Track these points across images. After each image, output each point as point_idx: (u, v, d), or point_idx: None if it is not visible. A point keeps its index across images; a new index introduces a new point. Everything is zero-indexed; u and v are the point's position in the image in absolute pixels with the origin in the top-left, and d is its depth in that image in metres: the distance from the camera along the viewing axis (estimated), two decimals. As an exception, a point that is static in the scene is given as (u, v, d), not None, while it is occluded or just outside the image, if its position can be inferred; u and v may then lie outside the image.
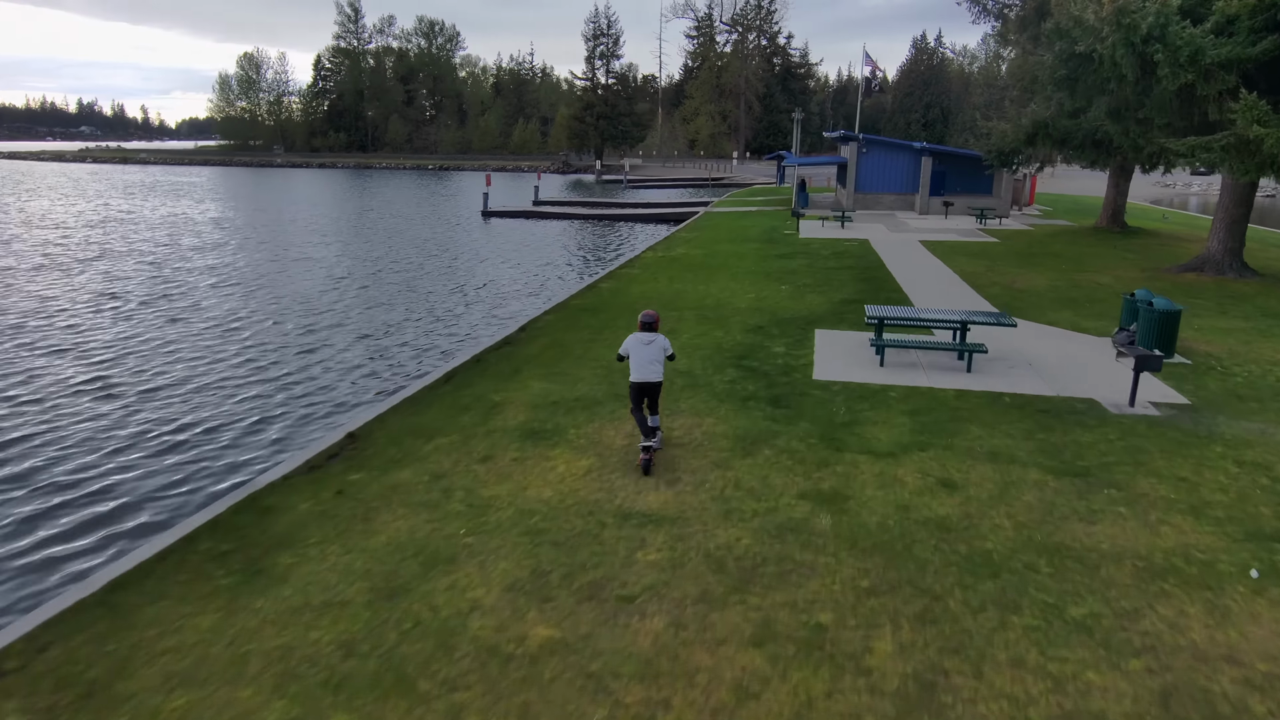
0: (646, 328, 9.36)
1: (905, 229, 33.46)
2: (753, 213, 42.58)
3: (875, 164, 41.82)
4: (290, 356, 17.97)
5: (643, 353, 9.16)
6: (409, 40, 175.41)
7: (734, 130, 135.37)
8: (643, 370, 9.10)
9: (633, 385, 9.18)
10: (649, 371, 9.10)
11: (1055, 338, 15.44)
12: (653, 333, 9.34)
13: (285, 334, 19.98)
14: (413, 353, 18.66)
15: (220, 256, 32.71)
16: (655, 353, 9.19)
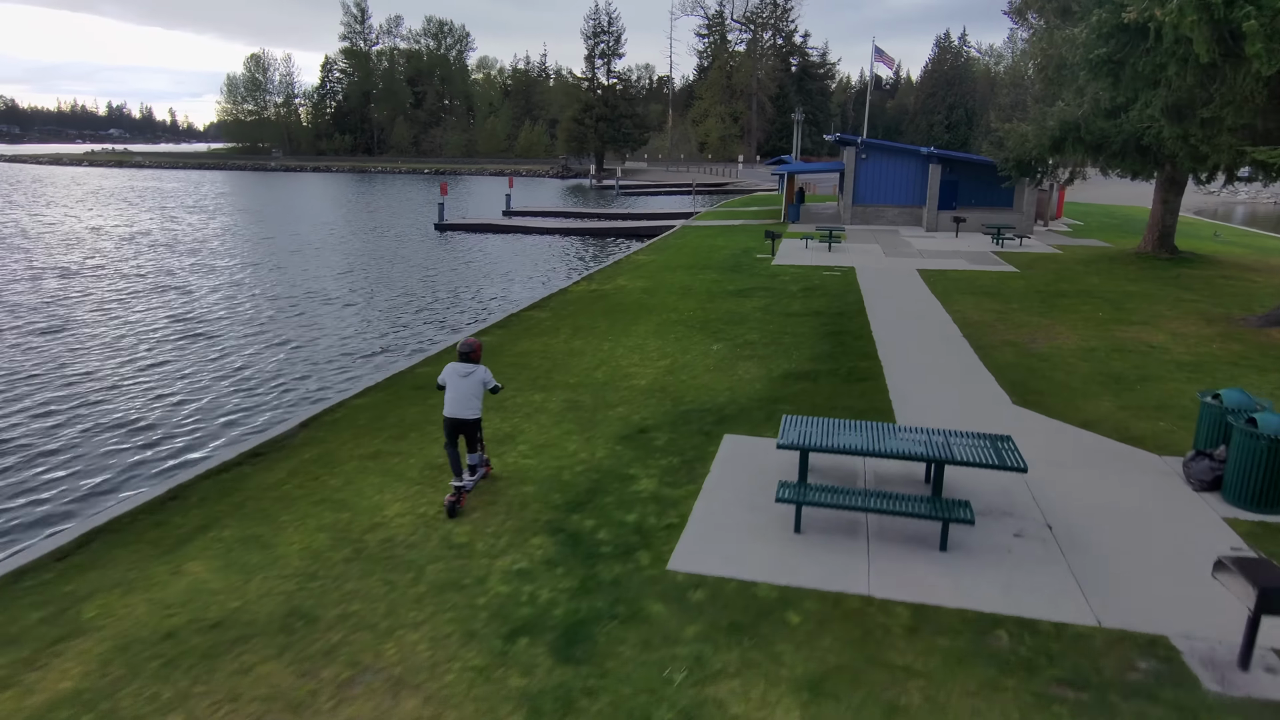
0: (464, 358, 8.64)
1: (905, 252, 27.83)
2: (737, 227, 37.07)
3: (876, 172, 36.15)
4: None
5: (459, 386, 8.53)
6: (417, 41, 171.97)
7: (746, 133, 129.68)
8: (456, 405, 8.50)
9: (445, 420, 8.56)
10: (463, 407, 8.50)
11: (1091, 462, 9.87)
12: (471, 364, 8.64)
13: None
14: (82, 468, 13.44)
15: (63, 281, 27.78)
16: (473, 386, 8.56)
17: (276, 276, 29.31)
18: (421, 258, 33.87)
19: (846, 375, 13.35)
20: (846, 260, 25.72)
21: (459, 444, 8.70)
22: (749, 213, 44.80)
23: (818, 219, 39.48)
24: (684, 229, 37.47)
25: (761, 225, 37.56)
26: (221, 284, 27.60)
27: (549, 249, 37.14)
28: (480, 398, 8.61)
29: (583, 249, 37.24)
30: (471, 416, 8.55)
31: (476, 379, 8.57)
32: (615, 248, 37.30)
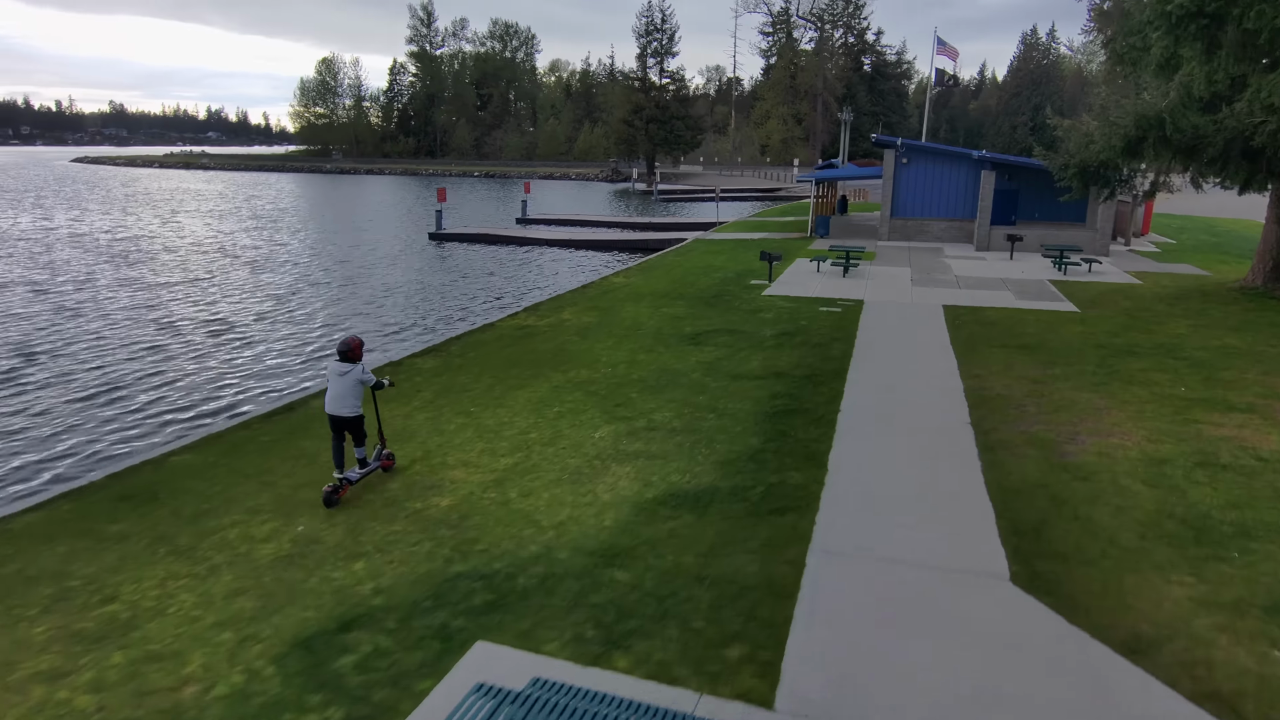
0: (342, 356, 8.72)
1: (939, 279, 22.60)
2: (754, 241, 32.23)
3: (919, 179, 30.75)
4: None
5: (336, 384, 8.70)
6: (484, 44, 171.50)
7: (810, 135, 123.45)
8: (334, 402, 8.70)
9: (327, 416, 8.76)
10: (340, 404, 8.67)
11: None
12: (349, 362, 8.68)
13: None
14: None
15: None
16: (349, 385, 8.68)
17: (198, 292, 25.95)
18: (386, 276, 30.17)
19: (762, 499, 8.64)
20: (860, 290, 20.70)
21: (343, 439, 8.81)
22: (778, 224, 39.73)
23: (853, 233, 34.20)
24: (695, 242, 32.81)
25: (785, 240, 32.57)
26: (108, 299, 24.36)
27: (540, 264, 33.00)
28: (358, 395, 8.73)
29: (576, 265, 32.96)
30: (348, 414, 8.68)
31: (352, 377, 8.67)
32: (615, 262, 32.89)
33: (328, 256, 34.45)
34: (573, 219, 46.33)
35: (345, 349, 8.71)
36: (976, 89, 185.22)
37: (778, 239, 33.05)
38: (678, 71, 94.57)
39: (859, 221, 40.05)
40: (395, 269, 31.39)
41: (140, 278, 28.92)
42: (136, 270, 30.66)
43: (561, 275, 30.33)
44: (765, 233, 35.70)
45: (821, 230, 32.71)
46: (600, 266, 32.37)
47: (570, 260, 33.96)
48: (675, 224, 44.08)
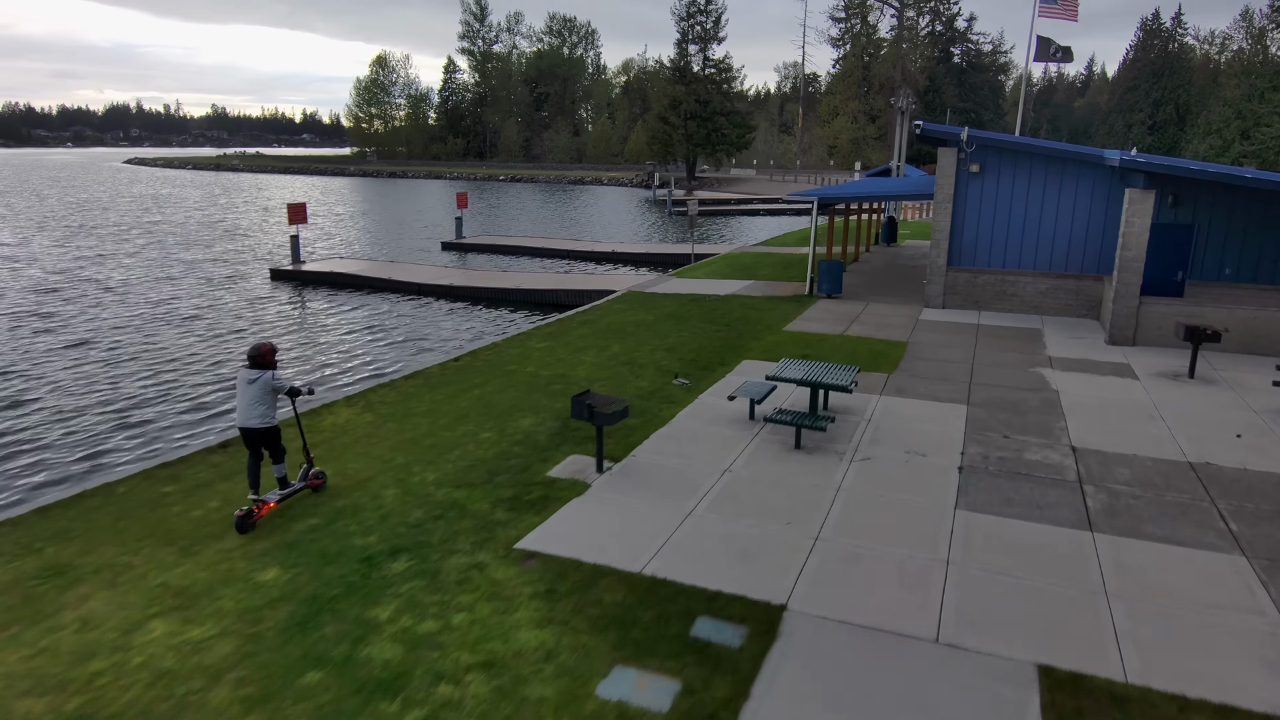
0: (252, 361, 7.84)
1: (1031, 460, 9.33)
2: (712, 301, 19.27)
3: (1000, 200, 17.20)
4: None
5: (245, 393, 7.79)
6: (540, 39, 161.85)
7: (885, 134, 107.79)
8: (242, 413, 7.82)
9: (239, 429, 7.92)
10: (249, 415, 7.77)
11: None
12: (259, 369, 7.79)
13: None
14: None
15: None
16: (258, 393, 7.76)
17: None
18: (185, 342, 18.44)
19: None
20: (803, 528, 7.60)
21: (259, 457, 7.95)
22: (777, 262, 26.35)
23: (892, 286, 20.79)
24: (629, 295, 19.99)
25: (763, 299, 19.43)
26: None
27: (354, 336, 20.66)
28: (270, 405, 7.83)
29: (462, 325, 20.49)
30: (258, 425, 7.80)
31: (262, 384, 7.77)
32: (508, 325, 20.37)
33: (192, 287, 23.19)
34: (513, 245, 33.99)
35: (255, 354, 7.81)
36: (1083, 85, 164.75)
37: (758, 297, 19.87)
38: (724, 60, 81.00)
39: (911, 260, 26.20)
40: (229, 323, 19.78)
41: None
42: None
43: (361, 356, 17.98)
44: (748, 280, 22.51)
45: (828, 285, 19.32)
46: (472, 336, 19.95)
47: (455, 319, 21.73)
48: (637, 255, 31.22)
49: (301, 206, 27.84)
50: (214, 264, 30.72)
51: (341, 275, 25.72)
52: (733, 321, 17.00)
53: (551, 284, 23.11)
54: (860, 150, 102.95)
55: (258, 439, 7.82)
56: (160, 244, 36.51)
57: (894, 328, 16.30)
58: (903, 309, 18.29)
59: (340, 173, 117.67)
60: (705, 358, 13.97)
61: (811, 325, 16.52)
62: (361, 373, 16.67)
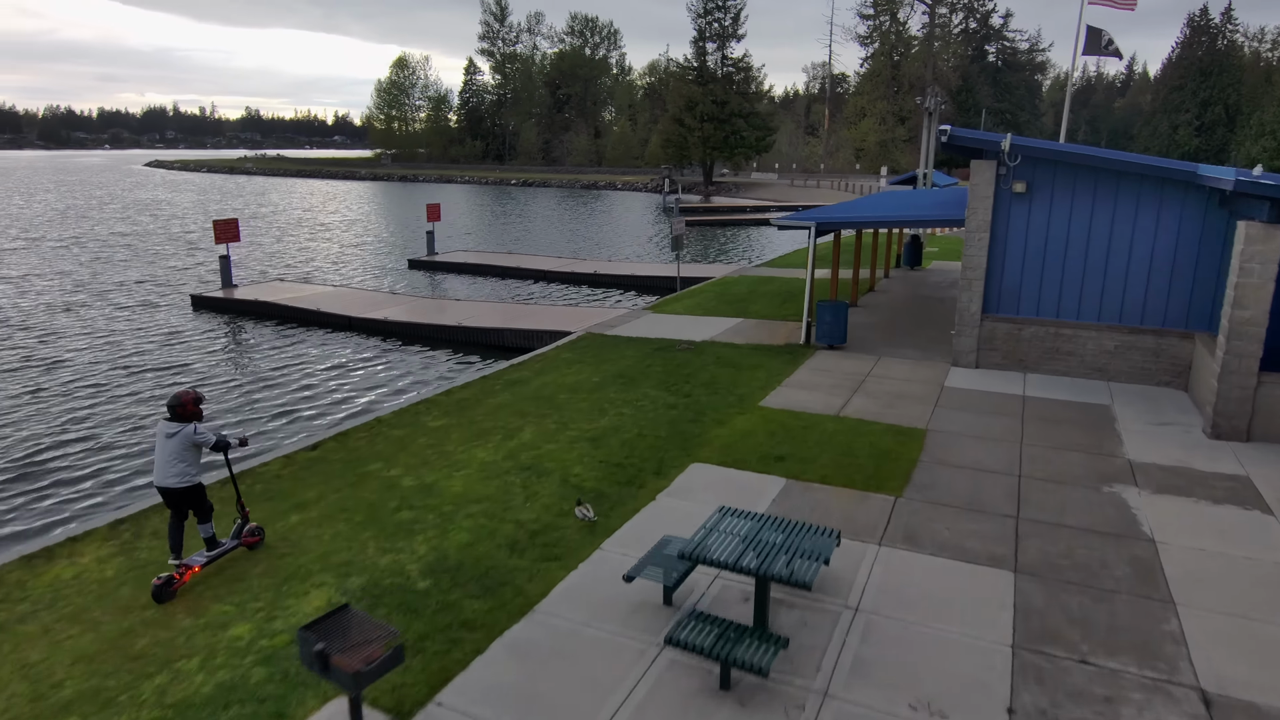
0: (171, 413, 7.02)
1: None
2: (678, 356, 15.29)
3: (1053, 228, 13.02)
4: None
5: (163, 448, 6.99)
6: (561, 40, 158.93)
7: (915, 136, 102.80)
8: (159, 470, 7.01)
9: (157, 489, 7.13)
10: (166, 473, 6.96)
11: None
12: (179, 421, 6.98)
13: None
14: None
15: None
16: (177, 448, 6.94)
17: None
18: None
19: None
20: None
21: (181, 518, 7.21)
22: (776, 290, 22.25)
23: (913, 323, 16.67)
24: (585, 340, 16.08)
25: (750, 349, 15.41)
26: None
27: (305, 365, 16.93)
28: (191, 461, 7.05)
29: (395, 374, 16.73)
30: (177, 484, 7.01)
31: (182, 438, 6.98)
32: (432, 375, 16.59)
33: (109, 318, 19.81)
34: (487, 264, 30.13)
35: (174, 404, 7.02)
36: (1123, 85, 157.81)
37: (741, 346, 15.80)
38: (743, 59, 76.62)
39: (938, 288, 21.98)
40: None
41: None
42: None
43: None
44: (735, 319, 18.45)
45: (829, 333, 15.16)
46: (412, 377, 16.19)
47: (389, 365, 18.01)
48: (620, 279, 27.18)
49: (232, 223, 24.26)
50: (143, 285, 27.29)
51: (266, 305, 22.07)
52: (697, 389, 12.98)
53: (499, 321, 19.21)
54: (888, 153, 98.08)
55: (180, 499, 7.08)
56: (104, 259, 33.29)
57: (910, 402, 12.18)
58: (924, 368, 14.13)
59: (351, 176, 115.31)
60: (640, 456, 10.01)
61: (799, 397, 12.44)
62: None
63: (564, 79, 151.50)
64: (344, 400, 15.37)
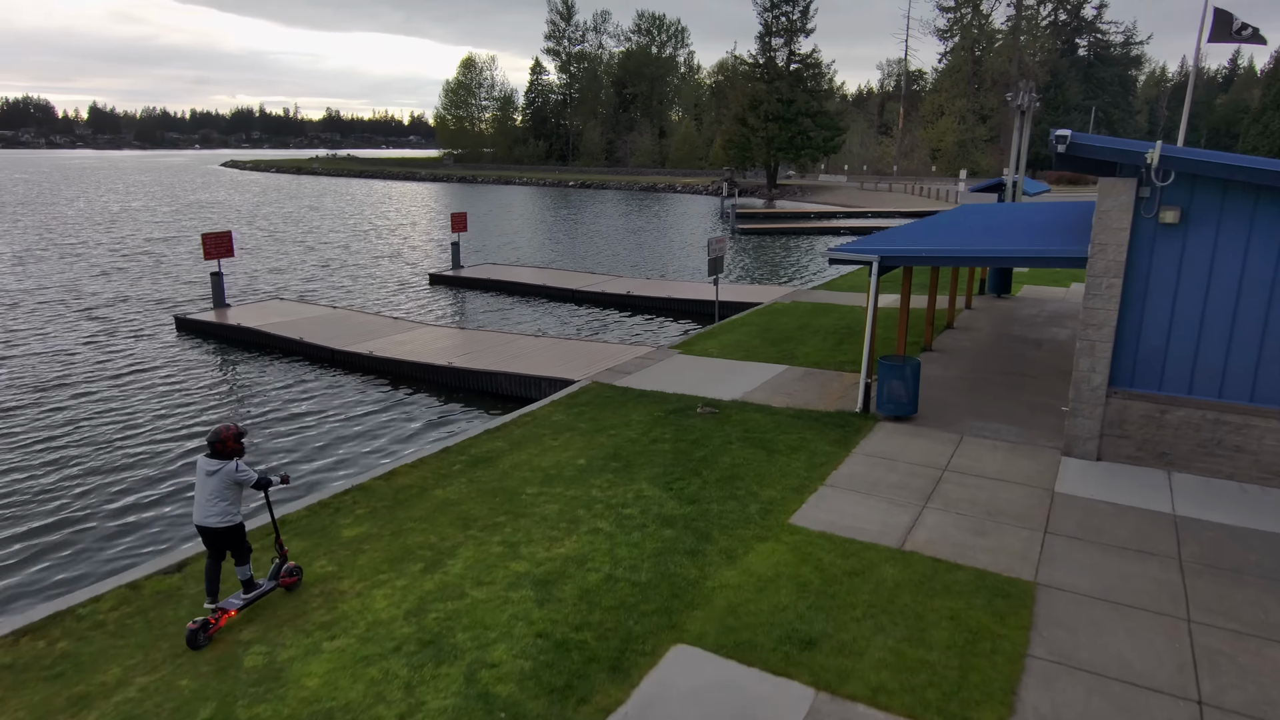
0: (212, 449, 6.81)
1: None
2: (707, 422, 12.00)
3: (1220, 274, 9.24)
4: None
5: (204, 486, 6.82)
6: (628, 39, 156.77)
7: (999, 136, 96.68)
8: (200, 509, 6.84)
9: (197, 528, 6.91)
10: (206, 511, 6.79)
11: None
12: (219, 458, 6.78)
13: None
14: None
15: None
16: (218, 487, 6.77)
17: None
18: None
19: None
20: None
21: (219, 558, 6.98)
22: (833, 329, 18.63)
23: (1003, 388, 12.97)
24: (588, 393, 12.94)
25: (791, 420, 11.96)
26: None
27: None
28: (232, 500, 6.87)
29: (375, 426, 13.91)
30: (218, 524, 6.82)
31: (223, 476, 6.79)
32: (399, 431, 13.69)
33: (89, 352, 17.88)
34: (513, 281, 27.16)
35: (215, 440, 6.80)
36: (1225, 80, 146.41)
37: (779, 412, 12.35)
38: (811, 55, 72.13)
39: (1033, 324, 18.06)
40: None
41: None
42: None
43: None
44: (778, 366, 14.97)
45: (893, 399, 11.56)
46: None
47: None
48: (655, 301, 23.76)
49: (225, 236, 21.88)
50: (140, 301, 25.28)
51: (248, 332, 19.54)
52: (709, 486, 9.62)
53: (494, 362, 16.12)
54: (967, 154, 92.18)
55: (217, 539, 6.83)
56: (119, 270, 31.67)
57: (1008, 524, 8.58)
58: (1024, 458, 10.44)
59: (412, 176, 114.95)
60: (600, 626, 6.74)
61: (848, 507, 8.96)
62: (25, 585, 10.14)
63: (630, 78, 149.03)
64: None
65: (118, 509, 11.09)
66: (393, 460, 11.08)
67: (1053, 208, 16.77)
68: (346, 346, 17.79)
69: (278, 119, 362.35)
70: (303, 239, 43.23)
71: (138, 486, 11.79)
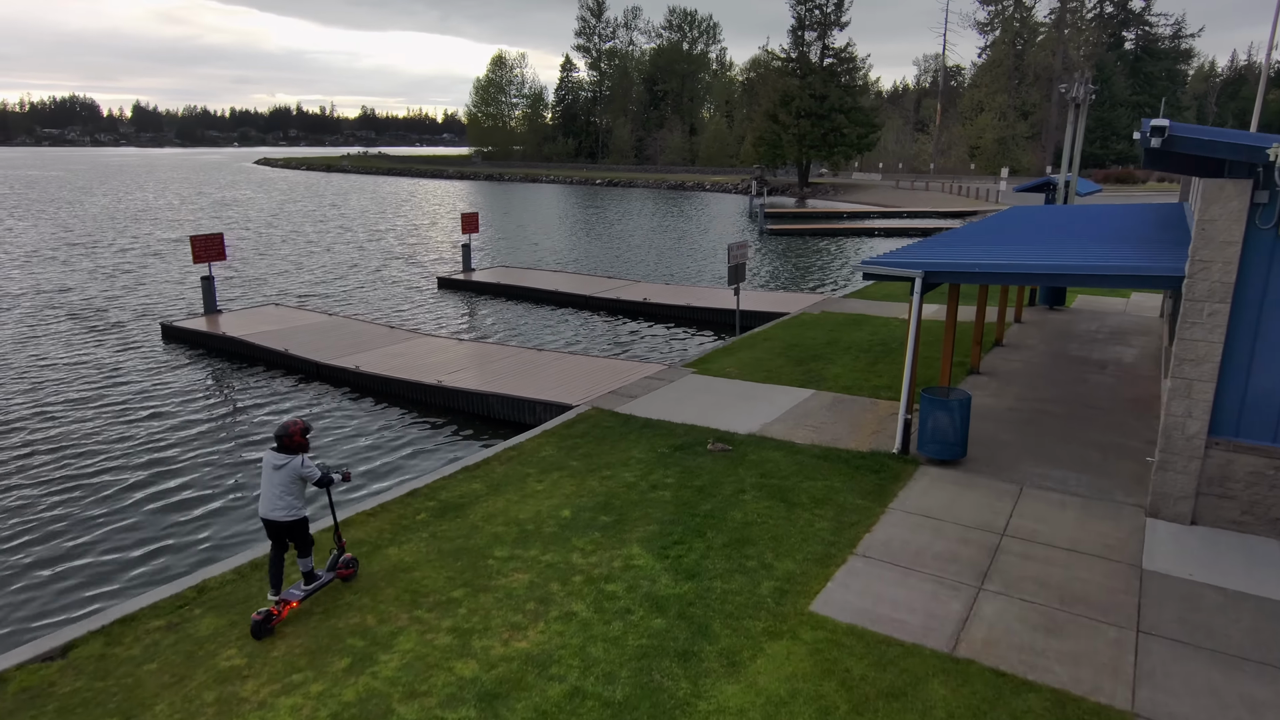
0: (279, 443, 6.90)
1: None
2: (719, 463, 10.27)
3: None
4: None
5: (270, 480, 6.94)
6: (659, 35, 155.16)
7: (1041, 132, 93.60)
8: (265, 502, 6.96)
9: (262, 520, 7.04)
10: (272, 505, 6.92)
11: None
12: (286, 452, 6.88)
13: None
14: None
15: None
16: (285, 481, 6.88)
17: None
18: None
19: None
20: None
21: (282, 550, 7.13)
22: (867, 345, 16.78)
23: (1042, 469, 11.06)
24: (587, 420, 11.32)
25: (812, 468, 10.21)
26: None
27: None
28: (297, 494, 6.98)
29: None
30: (284, 518, 6.93)
31: (289, 471, 6.89)
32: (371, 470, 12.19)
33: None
34: (525, 286, 25.58)
35: (282, 434, 6.90)
36: (1277, 74, 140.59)
37: (802, 450, 10.62)
38: (845, 49, 69.72)
39: (1093, 341, 16.07)
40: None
41: None
42: None
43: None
44: (804, 391, 13.23)
45: (938, 439, 9.78)
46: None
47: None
48: (673, 310, 21.99)
49: (215, 239, 20.60)
50: (139, 305, 24.17)
51: (239, 343, 18.24)
52: (714, 552, 7.95)
53: (487, 382, 14.54)
54: (1007, 152, 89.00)
55: (284, 532, 7.00)
56: (109, 276, 30.73)
57: (1087, 614, 6.81)
58: (1099, 519, 8.60)
59: (439, 174, 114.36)
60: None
61: (883, 591, 7.22)
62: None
63: (661, 75, 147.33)
64: (211, 525, 10.99)
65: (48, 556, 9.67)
66: (348, 508, 9.53)
67: (1121, 212, 14.78)
68: (333, 360, 16.34)
69: (314, 117, 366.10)
70: (319, 239, 42.17)
71: (79, 520, 10.38)
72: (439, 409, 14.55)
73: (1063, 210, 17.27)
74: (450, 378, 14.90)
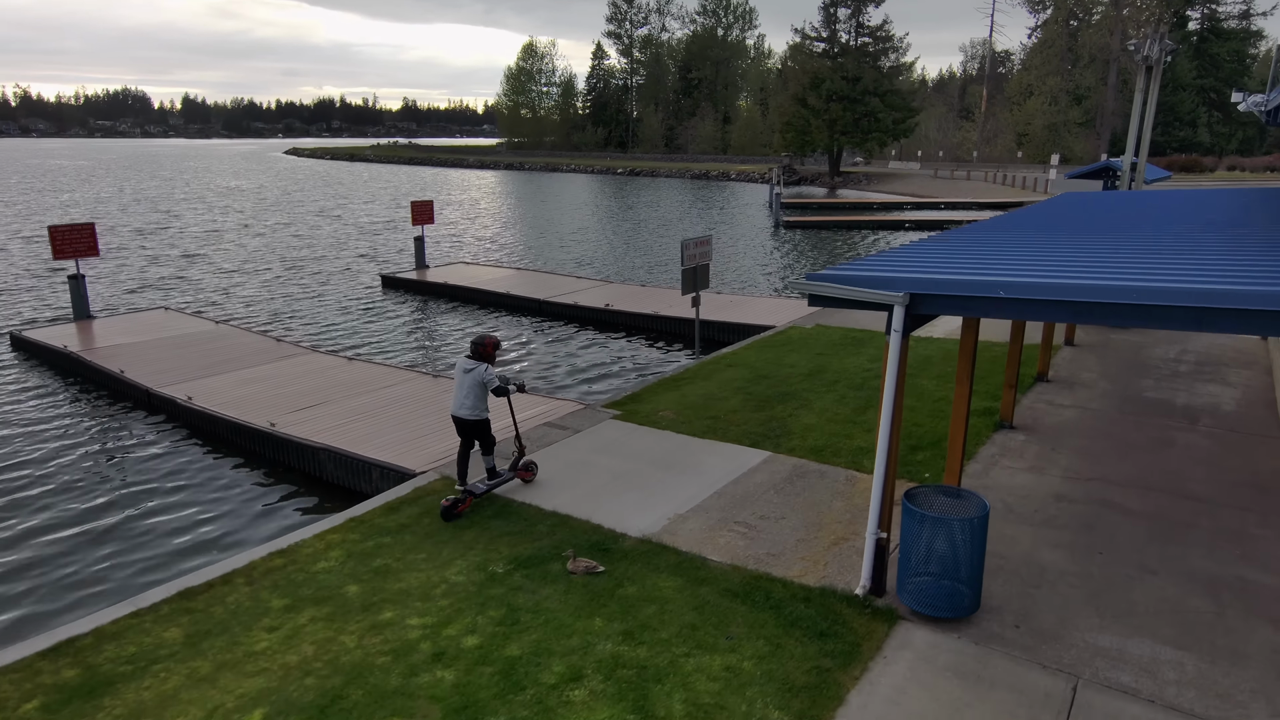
0: (473, 353, 7.85)
1: None
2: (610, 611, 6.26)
3: None
4: None
5: (460, 382, 7.86)
6: (692, 22, 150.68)
7: (1095, 118, 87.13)
8: (456, 402, 7.90)
9: (453, 418, 8.02)
10: (460, 404, 7.84)
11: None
12: (475, 360, 7.79)
13: None
14: None
15: None
16: (470, 385, 7.75)
17: None
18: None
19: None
20: None
21: (469, 447, 8.00)
22: (853, 384, 12.46)
23: (1105, 636, 6.79)
24: (400, 511, 7.42)
25: (739, 641, 6.08)
26: None
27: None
28: (480, 397, 7.80)
29: None
30: (468, 416, 7.81)
31: (474, 377, 7.74)
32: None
33: None
34: (479, 287, 21.71)
35: (477, 343, 7.85)
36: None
37: (714, 575, 6.56)
38: (881, 28, 64.44)
39: (1173, 353, 11.59)
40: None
41: None
42: None
43: None
44: (753, 454, 9.11)
45: (930, 590, 5.68)
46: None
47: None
48: (636, 319, 17.85)
49: (86, 229, 17.09)
50: (38, 305, 20.89)
51: (74, 360, 14.69)
52: None
53: (326, 431, 10.64)
54: (1058, 138, 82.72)
55: (469, 429, 7.86)
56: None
57: None
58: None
59: (460, 164, 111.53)
60: None
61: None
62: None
63: (694, 62, 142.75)
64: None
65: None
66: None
67: (1226, 197, 10.35)
68: (165, 388, 12.65)
69: (357, 109, 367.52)
70: (300, 232, 38.93)
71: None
72: (268, 460, 10.76)
73: (1135, 198, 12.81)
74: (291, 418, 11.08)
